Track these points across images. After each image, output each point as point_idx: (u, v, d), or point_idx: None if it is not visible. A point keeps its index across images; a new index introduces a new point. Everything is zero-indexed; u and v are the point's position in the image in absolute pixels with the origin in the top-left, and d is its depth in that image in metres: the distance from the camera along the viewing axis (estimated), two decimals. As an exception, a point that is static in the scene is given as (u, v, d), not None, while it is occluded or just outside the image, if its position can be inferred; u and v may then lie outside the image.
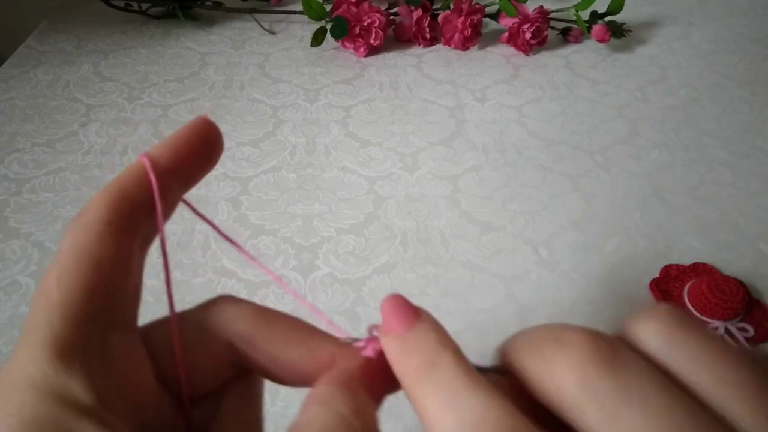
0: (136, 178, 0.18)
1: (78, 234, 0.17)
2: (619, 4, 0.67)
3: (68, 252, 0.16)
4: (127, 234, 0.17)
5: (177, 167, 0.18)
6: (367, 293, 0.40)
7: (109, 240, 0.17)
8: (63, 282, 0.16)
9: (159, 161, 0.18)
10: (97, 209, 0.17)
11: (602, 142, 0.55)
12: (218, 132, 0.19)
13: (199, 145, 0.19)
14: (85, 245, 0.16)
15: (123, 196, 0.17)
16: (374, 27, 0.65)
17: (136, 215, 0.17)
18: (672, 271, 0.41)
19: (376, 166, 0.51)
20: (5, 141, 0.53)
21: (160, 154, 0.18)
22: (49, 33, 0.71)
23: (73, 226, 0.17)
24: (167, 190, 0.18)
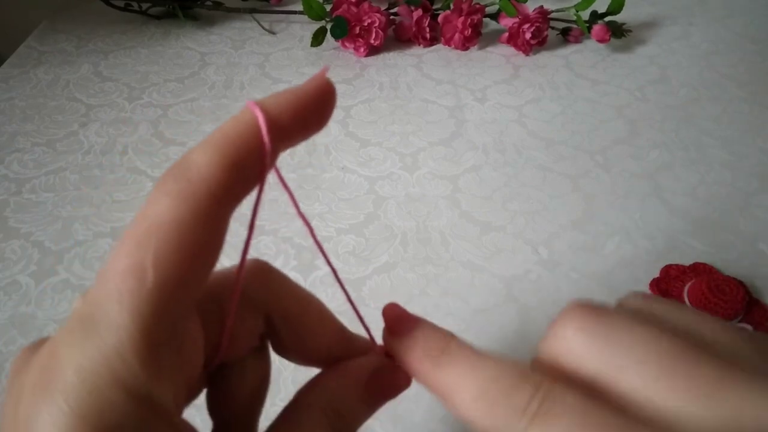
0: (249, 138, 0.15)
1: (181, 206, 0.14)
2: (619, 4, 0.67)
3: (169, 226, 0.13)
4: (230, 208, 0.15)
5: (292, 129, 0.16)
6: (367, 293, 0.40)
7: (214, 218, 0.14)
8: (161, 264, 0.13)
9: (275, 119, 0.15)
10: (207, 178, 0.14)
11: (602, 142, 0.55)
12: (335, 96, 0.17)
13: (316, 109, 0.16)
14: (190, 223, 0.14)
15: (235, 166, 0.14)
16: (374, 27, 0.65)
17: (244, 187, 0.15)
18: (672, 271, 0.41)
19: (376, 166, 0.51)
20: (5, 141, 0.53)
21: (280, 111, 0.15)
22: (49, 33, 0.71)
23: (173, 192, 0.14)
24: (274, 155, 0.16)
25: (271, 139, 0.15)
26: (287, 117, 0.15)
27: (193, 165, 0.14)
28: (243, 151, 0.15)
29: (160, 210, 0.14)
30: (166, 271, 0.13)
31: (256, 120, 0.15)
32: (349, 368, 0.19)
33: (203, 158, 0.14)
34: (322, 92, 0.16)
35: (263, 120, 0.15)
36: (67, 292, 0.40)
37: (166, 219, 0.13)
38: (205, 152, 0.14)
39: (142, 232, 0.13)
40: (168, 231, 0.13)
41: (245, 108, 0.15)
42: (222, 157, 0.14)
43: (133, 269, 0.13)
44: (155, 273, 0.13)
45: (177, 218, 0.13)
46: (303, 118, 0.16)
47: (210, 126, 0.56)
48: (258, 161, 0.15)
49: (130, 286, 0.13)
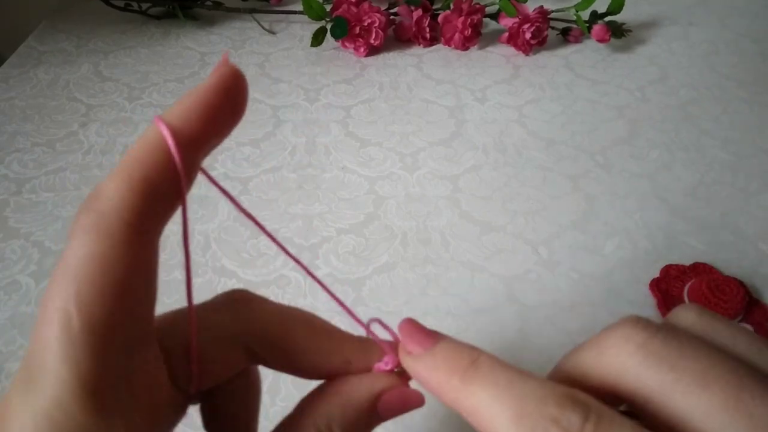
0: (158, 157, 0.14)
1: (96, 241, 0.13)
2: (619, 4, 0.67)
3: (86, 265, 0.13)
4: (152, 234, 0.14)
5: (202, 136, 0.15)
6: (367, 293, 0.40)
7: (133, 248, 0.13)
8: (85, 305, 0.13)
9: (182, 130, 0.14)
10: (118, 207, 0.13)
11: (602, 142, 0.55)
12: (244, 82, 0.16)
13: (226, 105, 0.15)
14: (108, 257, 0.13)
15: (148, 188, 0.14)
16: (374, 27, 0.65)
17: (162, 209, 0.14)
18: (672, 271, 0.41)
19: (376, 166, 0.51)
20: (5, 141, 0.53)
21: (183, 120, 0.14)
22: (49, 33, 0.71)
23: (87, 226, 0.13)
24: (192, 166, 0.15)
25: (182, 152, 0.14)
26: (196, 123, 0.14)
27: (102, 195, 0.13)
28: (153, 171, 0.14)
29: (76, 247, 0.13)
30: (92, 312, 0.13)
31: (161, 136, 0.14)
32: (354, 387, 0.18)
33: (112, 186, 0.14)
34: (226, 84, 0.15)
35: (168, 134, 0.14)
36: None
37: (82, 256, 0.13)
38: (114, 179, 0.14)
39: (62, 273, 0.13)
40: (87, 269, 0.13)
41: (150, 125, 0.14)
42: (132, 182, 0.13)
43: (58, 315, 0.13)
44: (80, 316, 0.12)
45: (94, 254, 0.13)
46: (213, 118, 0.15)
47: (210, 126, 0.56)
48: (173, 178, 0.14)
49: (57, 333, 0.12)
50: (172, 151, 0.14)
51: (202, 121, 0.15)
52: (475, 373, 0.15)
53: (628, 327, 0.15)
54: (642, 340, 0.14)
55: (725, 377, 0.13)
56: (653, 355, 0.14)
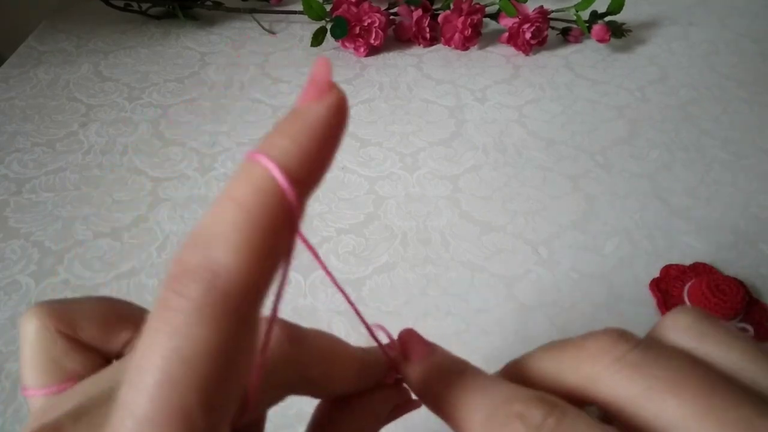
0: (275, 210, 0.11)
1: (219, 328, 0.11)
2: (619, 4, 0.67)
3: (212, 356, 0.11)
4: (262, 301, 0.12)
5: (314, 173, 0.12)
6: (367, 293, 0.40)
7: (252, 333, 0.12)
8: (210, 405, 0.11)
9: (297, 172, 0.12)
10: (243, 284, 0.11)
11: (602, 142, 0.55)
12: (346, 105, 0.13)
13: (336, 141, 0.13)
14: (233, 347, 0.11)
15: (268, 258, 0.11)
16: (374, 27, 0.65)
17: (274, 269, 0.12)
18: (672, 271, 0.41)
19: (376, 166, 0.51)
20: (5, 141, 0.53)
21: (295, 163, 0.12)
22: (49, 33, 0.71)
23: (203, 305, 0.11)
24: (301, 215, 0.12)
25: (298, 199, 0.11)
26: (306, 162, 0.12)
27: (223, 270, 0.11)
28: (271, 230, 0.11)
29: (193, 335, 0.11)
30: (216, 412, 0.11)
31: (273, 181, 0.11)
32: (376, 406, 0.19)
33: (232, 258, 0.11)
34: (338, 116, 0.12)
35: (282, 177, 0.11)
36: (67, 292, 0.40)
37: (204, 349, 0.11)
38: (234, 248, 0.11)
39: (176, 365, 0.11)
40: (210, 364, 0.11)
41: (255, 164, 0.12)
42: (254, 251, 0.11)
43: (179, 416, 0.10)
44: (205, 417, 0.11)
45: (218, 347, 0.11)
46: (323, 155, 0.12)
47: (210, 126, 0.56)
48: (282, 231, 0.12)
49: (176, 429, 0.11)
50: (290, 200, 0.11)
51: (312, 158, 0.12)
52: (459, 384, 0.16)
53: (607, 339, 0.15)
54: (620, 354, 0.15)
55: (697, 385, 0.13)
56: (629, 367, 0.14)
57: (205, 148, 0.53)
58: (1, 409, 0.33)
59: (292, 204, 0.11)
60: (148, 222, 0.45)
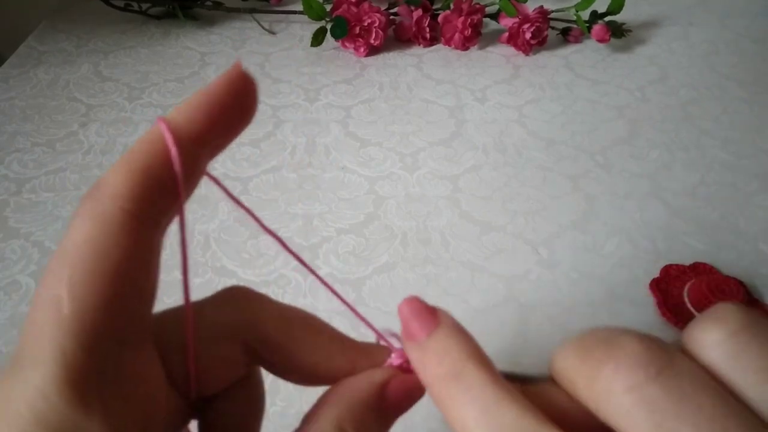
0: (158, 151, 0.14)
1: (93, 226, 0.13)
2: (619, 4, 0.67)
3: (81, 250, 0.13)
4: (151, 225, 0.14)
5: (205, 134, 0.15)
6: (367, 293, 0.40)
7: (130, 235, 0.13)
8: (77, 290, 0.12)
9: (184, 127, 0.14)
10: (116, 194, 0.13)
11: (602, 142, 0.55)
12: (254, 86, 0.16)
13: (233, 105, 0.15)
14: (103, 242, 0.13)
15: (146, 177, 0.14)
16: (374, 27, 0.65)
17: (161, 199, 0.14)
18: (672, 271, 0.41)
19: (376, 166, 0.51)
20: (5, 141, 0.53)
21: (186, 118, 0.15)
22: (49, 33, 0.71)
23: (86, 212, 0.13)
24: (193, 162, 0.15)
25: (183, 148, 0.14)
26: (199, 121, 0.15)
27: (102, 183, 0.14)
28: (153, 163, 0.14)
29: (74, 233, 0.13)
30: (84, 298, 0.12)
31: (159, 128, 0.14)
32: (356, 383, 0.17)
33: (112, 175, 0.14)
34: (233, 84, 0.15)
35: (166, 129, 0.14)
36: (67, 292, 0.40)
37: (78, 241, 0.13)
38: (114, 169, 0.14)
39: (57, 259, 0.13)
40: (81, 254, 0.13)
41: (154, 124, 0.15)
42: (131, 171, 0.14)
43: (49, 300, 0.12)
44: (71, 301, 0.12)
45: (89, 238, 0.13)
46: (217, 117, 0.15)
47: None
48: (169, 165, 0.14)
49: (47, 318, 0.12)
50: (169, 144, 0.14)
51: (206, 119, 0.15)
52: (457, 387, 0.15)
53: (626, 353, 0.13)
54: (637, 382, 0.13)
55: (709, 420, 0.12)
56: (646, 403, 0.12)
57: (205, 148, 0.53)
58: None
59: (167, 142, 0.14)
60: (148, 222, 0.45)
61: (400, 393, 0.17)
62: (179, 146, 0.14)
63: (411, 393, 0.17)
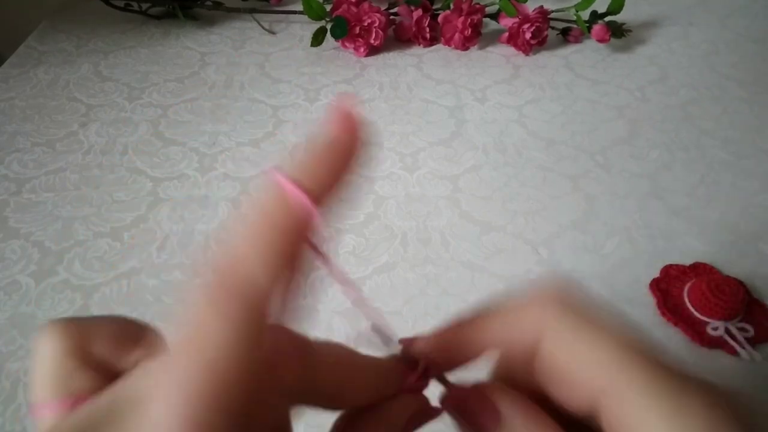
0: (301, 228, 0.12)
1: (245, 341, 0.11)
2: (619, 4, 0.67)
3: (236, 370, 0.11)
4: None
5: (332, 194, 0.13)
6: (367, 293, 0.40)
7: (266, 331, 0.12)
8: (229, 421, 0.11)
9: (320, 195, 0.13)
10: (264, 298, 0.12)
11: (602, 142, 0.55)
12: (365, 129, 0.14)
13: (353, 163, 0.14)
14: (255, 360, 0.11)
15: (289, 266, 0.12)
16: (374, 27, 0.65)
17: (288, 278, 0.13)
18: (672, 271, 0.41)
19: (376, 166, 0.51)
20: (5, 141, 0.53)
21: (316, 180, 0.13)
22: (49, 33, 0.71)
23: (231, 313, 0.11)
24: None
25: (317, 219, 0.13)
26: (325, 183, 0.13)
27: (249, 279, 0.12)
28: (298, 248, 0.12)
29: (219, 343, 0.11)
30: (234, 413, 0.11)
31: (299, 202, 0.12)
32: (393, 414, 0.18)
33: (261, 270, 0.12)
34: (356, 140, 0.14)
35: (303, 195, 0.12)
36: (67, 292, 0.40)
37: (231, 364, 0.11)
38: (261, 260, 0.12)
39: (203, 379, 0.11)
40: (234, 376, 0.11)
41: (278, 186, 0.12)
42: (279, 265, 0.12)
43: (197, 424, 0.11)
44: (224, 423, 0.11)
45: (243, 361, 0.11)
46: (342, 179, 0.13)
47: (210, 126, 0.56)
48: (302, 243, 0.13)
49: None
50: (311, 214, 0.12)
51: (330, 178, 0.13)
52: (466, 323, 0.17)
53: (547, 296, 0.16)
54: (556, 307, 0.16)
55: None
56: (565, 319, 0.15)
57: (205, 148, 0.53)
58: (1, 410, 0.33)
59: (310, 217, 0.12)
60: (148, 222, 0.45)
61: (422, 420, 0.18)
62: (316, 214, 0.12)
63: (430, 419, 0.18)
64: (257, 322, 0.12)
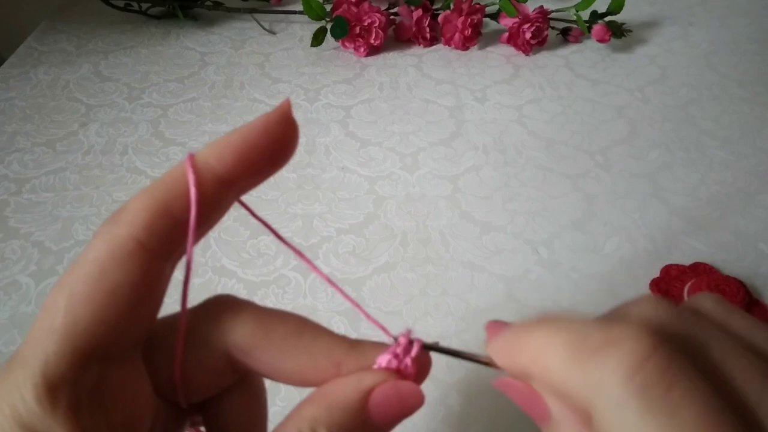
0: (180, 188, 0.15)
1: (104, 248, 0.14)
2: (619, 4, 0.67)
3: (88, 267, 0.14)
4: (160, 257, 0.15)
5: (234, 176, 0.15)
6: (367, 293, 0.40)
7: (137, 264, 0.14)
8: (72, 305, 0.13)
9: (212, 167, 0.15)
10: (132, 223, 0.14)
11: (602, 142, 0.55)
12: (296, 131, 0.16)
13: (269, 149, 0.15)
14: (109, 265, 0.14)
15: (164, 211, 0.14)
16: (374, 27, 0.65)
17: (175, 235, 0.15)
18: (672, 271, 0.41)
19: (376, 166, 0.51)
20: (5, 141, 0.53)
21: (217, 157, 0.15)
22: (49, 33, 0.71)
23: (102, 234, 0.14)
24: (218, 201, 0.15)
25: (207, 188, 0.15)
26: (230, 161, 0.15)
27: (124, 209, 0.14)
28: (174, 199, 0.14)
29: (88, 250, 0.14)
30: (78, 313, 0.13)
31: (182, 166, 0.15)
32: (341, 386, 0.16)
33: (134, 203, 0.14)
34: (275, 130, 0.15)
35: (190, 168, 0.15)
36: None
37: (89, 259, 0.14)
38: (137, 198, 0.15)
39: (69, 270, 0.14)
40: (87, 271, 0.14)
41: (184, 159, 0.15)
42: (151, 203, 0.14)
43: (49, 307, 0.13)
44: (65, 314, 0.13)
45: (98, 259, 0.14)
46: (249, 159, 0.15)
47: (210, 126, 0.56)
48: (188, 202, 0.15)
49: (41, 325, 0.13)
50: (190, 185, 0.14)
51: (237, 161, 0.15)
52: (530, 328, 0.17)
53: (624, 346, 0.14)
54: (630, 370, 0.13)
55: None
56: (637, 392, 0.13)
57: (205, 148, 0.53)
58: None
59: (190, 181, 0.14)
60: (148, 222, 0.45)
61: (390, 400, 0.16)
62: (202, 187, 0.15)
63: (404, 401, 0.17)
64: (119, 238, 0.14)
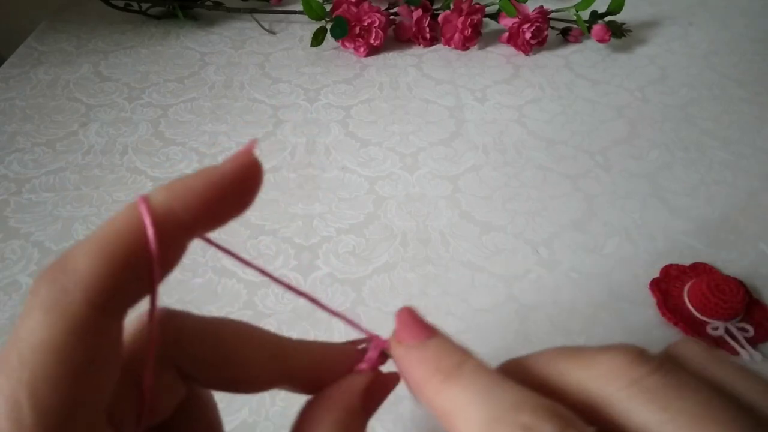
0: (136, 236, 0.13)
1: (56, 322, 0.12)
2: (619, 4, 0.67)
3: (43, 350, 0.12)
4: (118, 316, 0.13)
5: (194, 221, 0.14)
6: (367, 293, 0.40)
7: (97, 333, 0.12)
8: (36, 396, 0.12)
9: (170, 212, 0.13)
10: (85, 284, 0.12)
11: (602, 142, 0.55)
12: (261, 175, 0.15)
13: (233, 195, 0.14)
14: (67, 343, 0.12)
15: (120, 265, 0.13)
16: (374, 27, 0.65)
17: (133, 289, 0.13)
18: (672, 271, 0.41)
19: (376, 166, 0.51)
20: (5, 141, 0.53)
21: (178, 201, 0.14)
22: (49, 33, 0.71)
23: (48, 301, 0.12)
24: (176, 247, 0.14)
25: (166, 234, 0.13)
26: (191, 208, 0.14)
27: (69, 267, 0.12)
28: (129, 250, 0.13)
29: (32, 327, 0.12)
30: (44, 404, 0.12)
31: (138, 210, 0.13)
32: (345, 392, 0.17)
33: (83, 259, 0.12)
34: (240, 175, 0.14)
35: (146, 214, 0.13)
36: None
37: (38, 340, 0.12)
38: (84, 251, 0.13)
39: (14, 353, 0.12)
40: (42, 356, 0.12)
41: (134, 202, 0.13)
42: (103, 258, 0.12)
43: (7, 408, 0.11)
44: (32, 408, 0.11)
45: (51, 338, 0.12)
46: (212, 205, 0.14)
47: (210, 126, 0.56)
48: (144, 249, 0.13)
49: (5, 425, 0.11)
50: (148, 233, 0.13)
51: (199, 206, 0.14)
52: (458, 376, 0.15)
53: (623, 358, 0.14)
54: (637, 376, 0.14)
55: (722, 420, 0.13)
56: (647, 392, 0.13)
57: (205, 148, 0.53)
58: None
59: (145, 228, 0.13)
60: (148, 222, 0.45)
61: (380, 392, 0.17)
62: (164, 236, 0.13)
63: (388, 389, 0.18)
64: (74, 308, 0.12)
